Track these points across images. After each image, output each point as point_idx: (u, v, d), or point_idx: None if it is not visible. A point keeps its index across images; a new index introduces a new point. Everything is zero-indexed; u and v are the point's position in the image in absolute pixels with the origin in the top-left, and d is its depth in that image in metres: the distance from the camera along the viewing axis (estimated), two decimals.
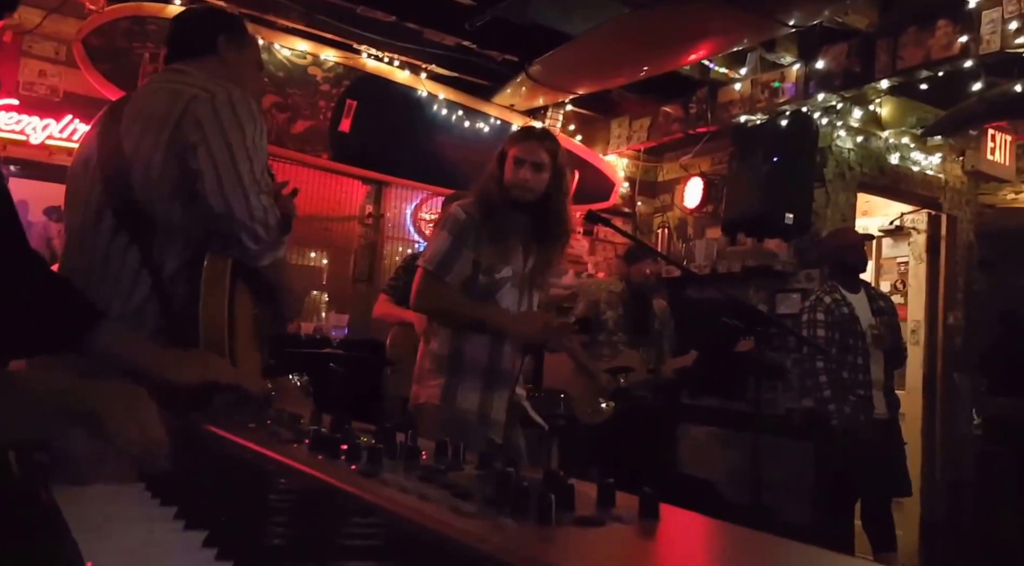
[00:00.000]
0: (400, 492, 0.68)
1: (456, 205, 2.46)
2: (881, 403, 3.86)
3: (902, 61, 3.98)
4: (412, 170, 5.05)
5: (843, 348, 3.79)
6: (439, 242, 2.41)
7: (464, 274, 2.36)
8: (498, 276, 2.40)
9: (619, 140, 5.66)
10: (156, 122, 1.47)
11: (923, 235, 5.59)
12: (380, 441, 0.90)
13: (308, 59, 4.66)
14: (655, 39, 4.18)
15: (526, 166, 2.40)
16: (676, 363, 4.20)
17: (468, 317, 2.38)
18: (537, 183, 2.42)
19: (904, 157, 5.30)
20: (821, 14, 3.84)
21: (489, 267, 2.39)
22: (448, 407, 2.34)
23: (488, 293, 2.39)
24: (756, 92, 4.70)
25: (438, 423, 2.33)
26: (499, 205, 2.42)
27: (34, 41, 4.02)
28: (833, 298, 3.87)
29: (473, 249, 2.37)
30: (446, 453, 0.87)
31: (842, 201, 4.95)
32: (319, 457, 0.84)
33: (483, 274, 2.38)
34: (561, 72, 4.70)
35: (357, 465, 0.80)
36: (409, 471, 0.78)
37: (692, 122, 5.10)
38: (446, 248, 2.37)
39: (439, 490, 0.69)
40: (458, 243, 2.36)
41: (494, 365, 2.42)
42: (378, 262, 5.04)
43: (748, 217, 4.62)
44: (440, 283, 2.36)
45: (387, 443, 0.90)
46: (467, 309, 2.37)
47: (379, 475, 0.75)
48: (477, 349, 2.39)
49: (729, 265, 5.07)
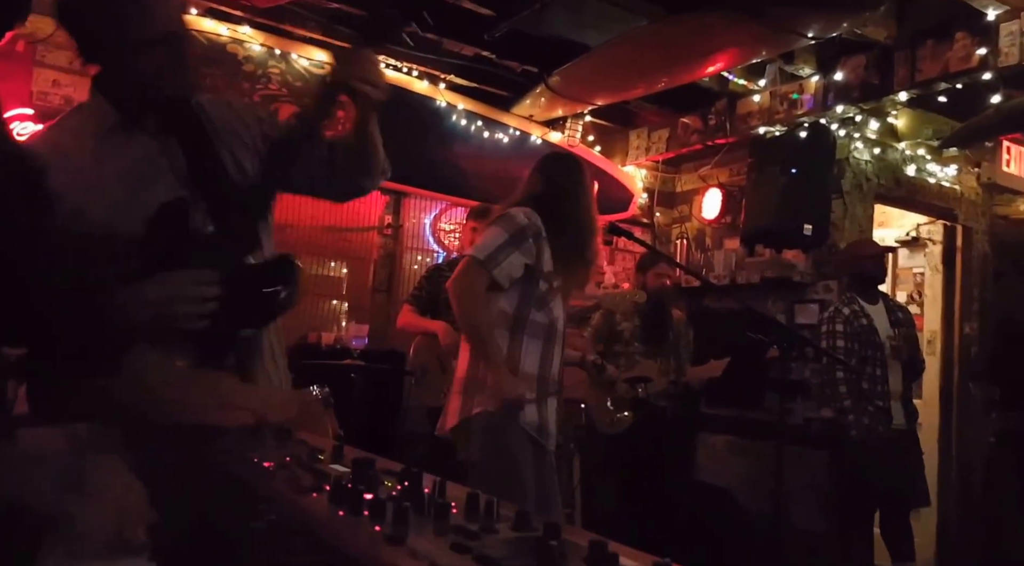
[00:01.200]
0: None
1: (516, 209, 2.44)
2: (899, 413, 3.87)
3: (920, 73, 4.00)
4: (430, 180, 5.07)
5: (862, 359, 3.81)
6: (492, 236, 2.37)
7: (513, 275, 2.35)
8: (556, 285, 2.45)
9: (637, 151, 5.68)
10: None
11: (939, 246, 5.60)
12: (407, 490, 0.84)
13: (326, 69, 4.68)
14: (674, 51, 4.20)
15: None
16: (703, 372, 4.18)
17: (477, 336, 2.37)
18: None
19: (920, 169, 5.32)
20: (840, 26, 3.86)
21: (549, 274, 2.42)
22: (509, 418, 2.32)
23: (545, 299, 2.42)
24: (775, 104, 4.72)
25: (494, 435, 2.33)
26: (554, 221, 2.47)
27: (47, 51, 4.02)
28: (852, 309, 3.89)
29: (532, 255, 2.38)
30: (478, 509, 0.80)
31: (859, 212, 4.97)
32: (340, 513, 0.78)
33: (543, 281, 2.41)
34: (580, 83, 4.72)
35: (382, 525, 0.74)
36: (439, 533, 0.74)
37: (711, 133, 5.12)
38: (499, 243, 2.34)
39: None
40: (513, 243, 2.35)
41: (544, 373, 2.44)
42: (397, 272, 5.06)
43: (766, 228, 4.64)
44: (486, 274, 2.33)
45: (414, 493, 0.83)
46: (483, 330, 2.34)
47: (406, 541, 0.70)
48: (530, 358, 2.40)
49: (748, 276, 5.08)
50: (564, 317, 2.53)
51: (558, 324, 2.48)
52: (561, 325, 2.50)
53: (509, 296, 2.38)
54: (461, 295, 2.37)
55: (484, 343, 2.35)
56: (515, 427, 2.33)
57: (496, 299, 2.38)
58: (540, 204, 2.46)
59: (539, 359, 2.41)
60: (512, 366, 2.36)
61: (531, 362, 2.39)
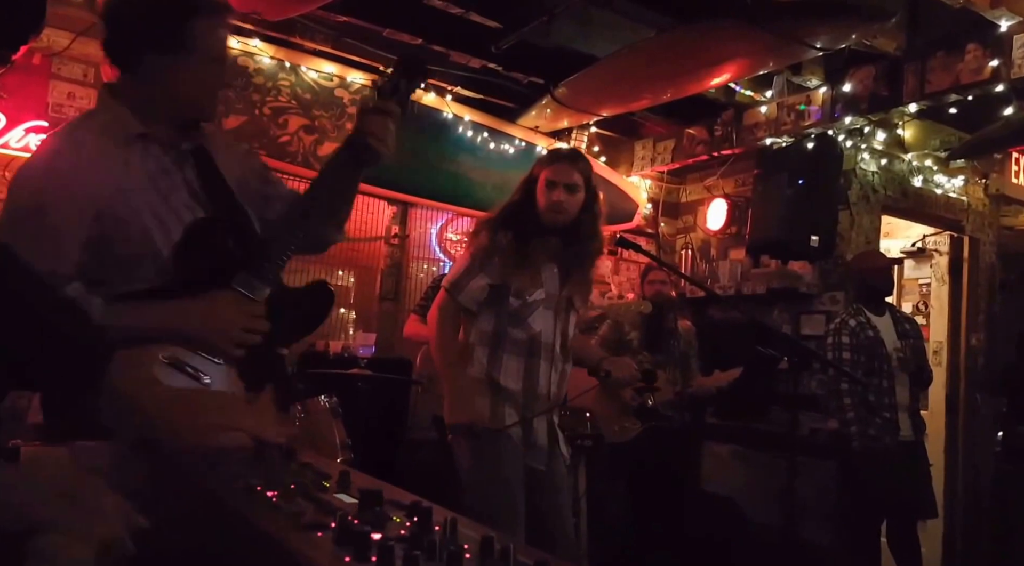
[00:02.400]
0: None
1: (483, 229, 2.48)
2: (907, 425, 3.87)
3: (930, 85, 3.99)
4: (437, 191, 5.09)
5: (868, 371, 3.80)
6: (460, 263, 2.51)
7: (477, 297, 2.40)
8: (530, 299, 2.41)
9: (643, 161, 5.69)
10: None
11: (945, 257, 5.59)
12: (416, 531, 0.80)
13: (335, 81, 4.71)
14: (680, 63, 4.20)
15: (559, 188, 2.42)
16: (710, 382, 4.19)
17: (438, 359, 2.50)
18: (571, 205, 2.43)
19: (927, 180, 5.32)
20: (848, 38, 3.85)
21: (519, 290, 2.40)
22: (494, 431, 2.36)
23: (519, 316, 2.40)
24: (782, 115, 4.73)
25: (481, 450, 2.36)
26: (530, 228, 2.43)
27: (63, 63, 4.06)
28: (858, 321, 3.89)
29: (496, 273, 2.39)
30: (492, 554, 0.77)
31: (866, 223, 4.97)
32: (347, 559, 0.73)
33: (514, 297, 2.40)
34: (586, 94, 4.73)
35: None
36: None
37: (717, 144, 5.13)
38: (463, 269, 2.45)
39: None
40: (475, 266, 2.42)
41: (529, 387, 2.43)
42: (404, 281, 5.07)
43: (773, 239, 4.63)
44: (453, 301, 2.44)
45: (424, 534, 0.79)
46: (448, 357, 2.47)
47: None
48: (510, 374, 2.41)
49: (754, 286, 5.08)
50: (558, 328, 2.48)
51: (542, 338, 2.43)
52: (549, 337, 2.45)
53: (486, 315, 2.44)
54: (431, 323, 2.52)
55: (442, 366, 2.49)
56: (497, 442, 2.36)
57: (477, 320, 2.45)
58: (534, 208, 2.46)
59: (521, 375, 2.41)
60: (492, 382, 2.40)
61: (512, 378, 2.40)
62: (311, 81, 4.63)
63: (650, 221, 5.90)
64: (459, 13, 4.10)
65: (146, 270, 1.42)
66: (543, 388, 2.44)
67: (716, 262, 5.54)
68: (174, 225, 1.44)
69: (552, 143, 5.41)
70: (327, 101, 4.69)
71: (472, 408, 2.39)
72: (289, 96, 4.55)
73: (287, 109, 4.55)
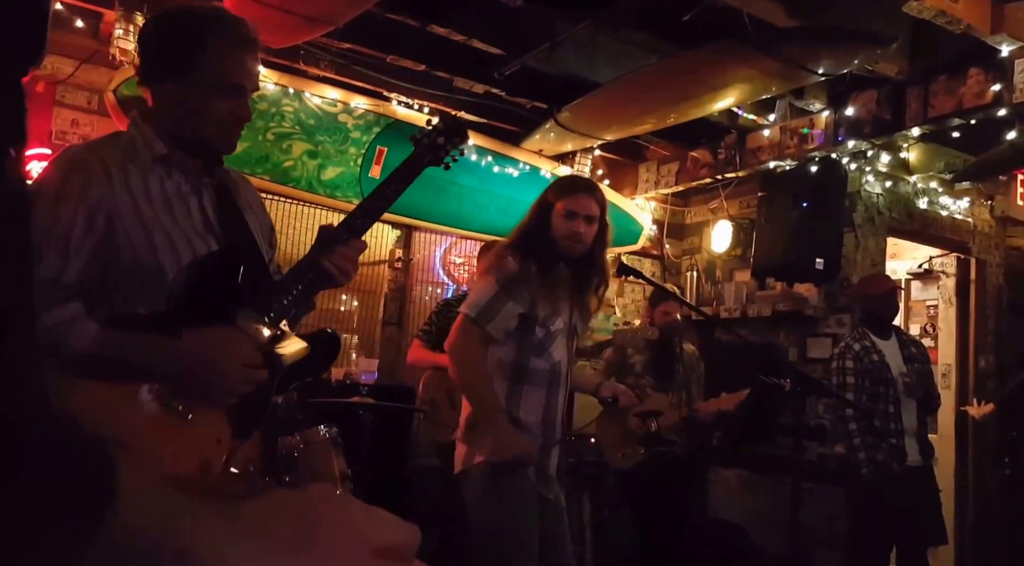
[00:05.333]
0: None
1: (508, 255, 2.41)
2: (914, 450, 3.82)
3: (933, 109, 3.99)
4: (441, 214, 5.10)
5: (873, 396, 3.76)
6: (485, 289, 2.35)
7: (508, 327, 2.33)
8: (553, 329, 2.39)
9: (647, 184, 5.69)
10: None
11: (952, 279, 5.56)
12: None
13: (339, 107, 4.73)
14: (683, 88, 4.21)
15: (580, 219, 2.39)
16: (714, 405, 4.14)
17: (473, 396, 2.35)
18: (589, 236, 2.41)
19: (933, 201, 5.30)
20: (851, 63, 3.85)
21: (545, 319, 2.37)
22: (520, 455, 2.29)
23: (543, 345, 2.37)
24: (785, 138, 4.72)
25: (497, 485, 2.30)
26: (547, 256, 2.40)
27: (67, 91, 4.09)
28: (863, 345, 3.85)
29: (526, 302, 2.34)
30: None
31: (872, 246, 4.95)
32: None
33: (540, 326, 2.36)
34: (589, 118, 4.74)
35: None
36: None
37: (720, 167, 5.12)
38: (491, 297, 2.32)
39: None
40: (505, 294, 2.32)
41: (548, 419, 2.40)
42: (408, 305, 5.06)
43: (777, 262, 4.62)
44: (480, 330, 2.32)
45: None
46: (480, 388, 2.33)
47: None
48: (532, 407, 2.36)
49: (759, 309, 5.05)
50: (569, 357, 2.47)
51: (560, 368, 2.41)
52: (564, 368, 2.43)
53: (507, 345, 2.34)
54: (455, 355, 2.36)
55: (482, 403, 2.33)
56: (518, 477, 2.30)
57: (493, 349, 2.35)
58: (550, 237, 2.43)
59: (542, 407, 2.37)
60: (512, 417, 2.32)
61: (533, 411, 2.35)
62: (314, 107, 4.65)
63: (655, 243, 5.89)
64: (462, 40, 4.12)
65: (149, 291, 1.41)
66: (558, 417, 2.43)
67: (721, 284, 5.52)
68: (183, 248, 1.44)
69: (556, 166, 5.41)
70: (330, 126, 4.71)
71: (498, 445, 2.30)
72: (292, 122, 4.56)
73: (290, 134, 4.57)
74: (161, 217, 1.44)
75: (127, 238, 1.40)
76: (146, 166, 1.47)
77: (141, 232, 1.41)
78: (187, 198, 1.51)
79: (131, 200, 1.43)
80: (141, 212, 1.43)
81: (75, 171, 1.41)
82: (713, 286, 5.57)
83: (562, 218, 2.40)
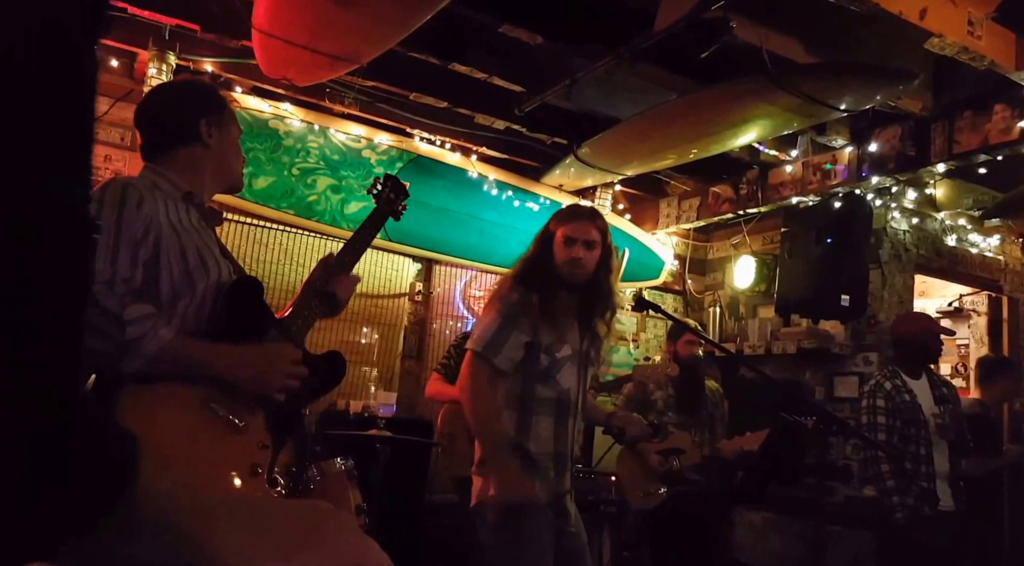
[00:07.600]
0: None
1: (509, 286, 2.42)
2: (947, 495, 3.68)
3: (959, 145, 3.94)
4: (462, 248, 5.12)
5: (903, 437, 3.65)
6: (488, 323, 2.36)
7: (515, 357, 2.32)
8: (559, 356, 2.38)
9: (668, 219, 5.68)
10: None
11: (984, 317, 5.44)
12: None
13: (363, 143, 4.81)
14: (704, 124, 4.21)
15: (578, 245, 2.40)
16: (738, 444, 4.05)
17: (483, 434, 2.33)
18: (590, 261, 2.41)
19: (961, 239, 5.21)
20: (873, 99, 3.83)
21: (549, 347, 2.37)
22: (527, 497, 2.26)
23: (549, 373, 2.36)
24: (808, 174, 4.69)
25: (512, 519, 2.26)
26: (550, 283, 2.41)
27: (101, 127, 4.20)
28: (894, 384, 3.75)
29: (529, 331, 2.34)
30: None
31: (899, 283, 4.86)
32: None
33: (544, 354, 2.36)
34: (609, 154, 4.76)
35: None
36: None
37: (742, 202, 5.10)
38: (495, 329, 2.33)
39: None
40: (509, 325, 2.32)
41: (560, 448, 2.38)
42: (427, 338, 5.06)
43: (802, 298, 4.55)
44: (488, 365, 2.31)
45: None
46: (487, 427, 2.31)
47: None
48: (542, 437, 2.34)
49: (784, 346, 4.97)
50: (581, 385, 2.44)
51: (569, 396, 2.38)
52: (574, 396, 2.41)
53: (514, 376, 2.34)
54: (464, 393, 2.36)
55: (489, 442, 2.32)
56: (530, 515, 2.26)
57: (502, 383, 2.35)
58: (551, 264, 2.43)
59: (552, 435, 2.34)
60: (522, 450, 2.31)
61: (544, 440, 2.33)
62: (339, 143, 4.73)
63: (677, 278, 5.85)
64: (483, 77, 4.18)
65: (183, 308, 1.56)
66: (569, 447, 2.40)
67: (745, 320, 5.45)
68: (212, 269, 1.61)
69: (577, 201, 5.43)
70: (354, 162, 4.78)
71: (509, 483, 2.27)
72: (318, 157, 4.64)
73: (315, 169, 4.64)
74: (196, 241, 1.62)
75: (168, 258, 1.56)
76: (175, 197, 1.66)
77: (181, 252, 1.58)
78: (205, 232, 1.69)
79: (169, 221, 1.59)
80: (179, 235, 1.59)
81: (128, 189, 1.56)
82: (736, 322, 5.50)
83: (562, 245, 2.41)
